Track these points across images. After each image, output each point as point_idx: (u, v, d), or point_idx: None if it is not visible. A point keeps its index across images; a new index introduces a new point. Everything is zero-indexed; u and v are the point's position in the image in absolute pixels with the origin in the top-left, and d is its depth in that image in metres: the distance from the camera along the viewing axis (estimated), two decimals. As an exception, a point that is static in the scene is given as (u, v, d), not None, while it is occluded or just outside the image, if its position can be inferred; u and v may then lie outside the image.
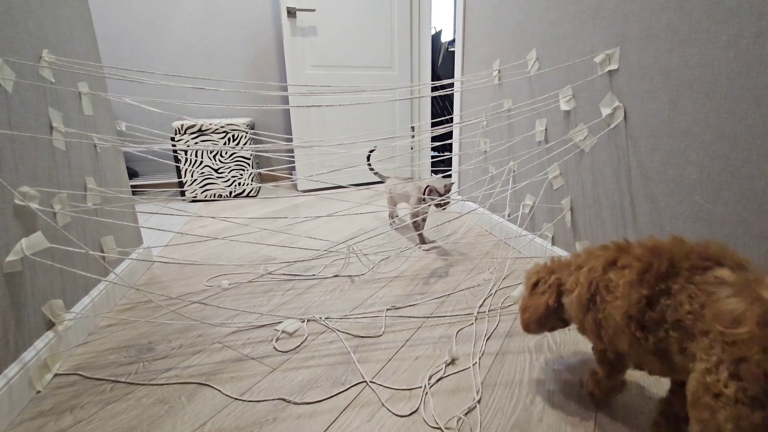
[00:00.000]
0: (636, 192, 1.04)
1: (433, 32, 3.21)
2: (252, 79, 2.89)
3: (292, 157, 2.97)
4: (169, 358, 0.97)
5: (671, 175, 0.94)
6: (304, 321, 1.12)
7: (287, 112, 3.04)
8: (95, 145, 1.25)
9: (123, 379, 0.89)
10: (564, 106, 1.26)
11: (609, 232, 1.14)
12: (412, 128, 3.09)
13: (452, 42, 3.22)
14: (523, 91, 1.49)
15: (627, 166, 1.06)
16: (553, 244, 1.40)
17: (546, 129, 1.38)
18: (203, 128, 2.45)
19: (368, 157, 1.90)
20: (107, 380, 0.89)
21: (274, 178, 3.08)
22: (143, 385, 0.88)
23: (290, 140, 2.89)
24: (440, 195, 1.50)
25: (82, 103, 1.20)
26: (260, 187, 2.94)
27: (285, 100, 2.95)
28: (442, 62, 3.19)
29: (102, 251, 1.21)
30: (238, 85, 2.86)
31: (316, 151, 2.69)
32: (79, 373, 0.92)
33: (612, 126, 1.09)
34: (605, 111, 1.10)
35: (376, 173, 1.91)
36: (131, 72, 1.29)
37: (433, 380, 0.87)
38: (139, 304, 1.24)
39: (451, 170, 2.45)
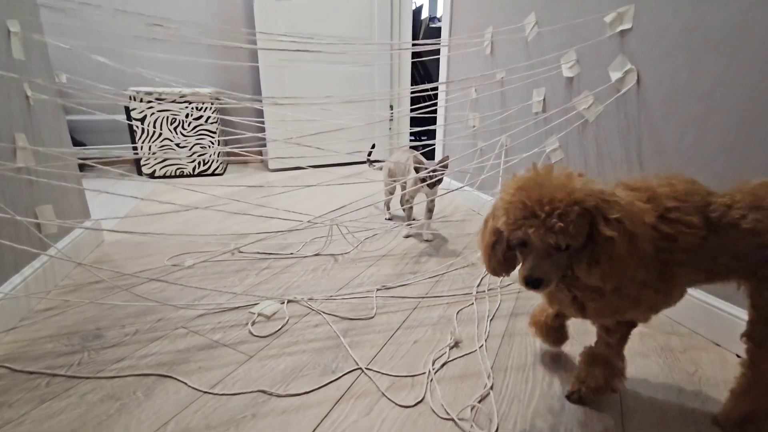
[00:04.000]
0: (647, 163, 0.98)
1: (413, 8, 3.07)
2: (218, 51, 2.64)
3: (263, 133, 2.76)
4: (122, 347, 0.81)
5: (689, 143, 0.88)
6: (283, 302, 0.98)
7: (257, 84, 2.82)
8: (28, 97, 1.04)
9: (62, 372, 0.73)
10: (567, 73, 1.18)
11: (614, 207, 1.08)
12: (391, 107, 2.96)
13: (434, 18, 3.10)
14: (519, 59, 1.40)
15: (638, 134, 0.99)
16: (548, 221, 1.33)
17: (544, 99, 1.30)
18: (162, 96, 2.21)
19: (369, 154, 1.71)
20: (42, 373, 0.73)
21: (242, 157, 2.86)
22: (88, 378, 0.72)
23: (261, 113, 2.68)
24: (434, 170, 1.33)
25: (11, 45, 0.99)
26: (227, 164, 2.72)
27: (255, 69, 2.73)
28: (423, 38, 3.06)
29: (38, 224, 1.02)
30: (201, 34, 2.60)
31: (289, 126, 2.51)
32: (7, 365, 0.75)
33: (622, 92, 1.02)
34: (615, 75, 1.03)
35: (373, 163, 1.70)
36: (73, 2, 1.08)
37: (437, 365, 0.77)
38: (84, 285, 1.06)
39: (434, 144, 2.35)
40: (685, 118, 0.88)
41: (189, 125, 2.28)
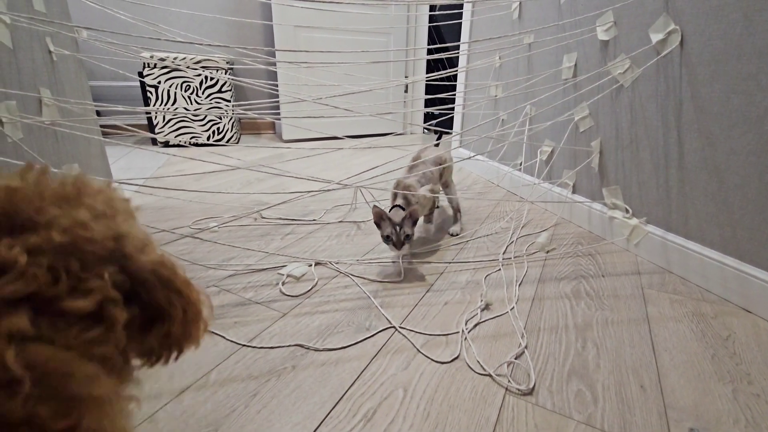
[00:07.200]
0: (686, 127, 0.95)
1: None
2: (235, 35, 2.57)
3: (276, 101, 2.73)
4: (157, 302, 0.82)
5: (735, 105, 0.84)
6: (311, 265, 0.99)
7: (271, 55, 2.76)
8: (51, 52, 1.02)
9: (101, 325, 0.74)
10: (602, 36, 1.13)
11: (647, 174, 1.05)
12: (406, 77, 2.89)
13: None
14: (549, 23, 1.35)
15: (678, 98, 0.96)
16: (573, 192, 1.31)
17: (575, 65, 1.26)
18: (176, 62, 2.16)
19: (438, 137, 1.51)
20: (81, 325, 0.74)
21: (256, 126, 2.83)
22: (127, 330, 0.73)
23: (275, 77, 2.63)
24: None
25: (31, -3, 0.96)
26: (241, 134, 2.70)
27: (269, 41, 2.66)
28: (440, 8, 2.96)
29: (65, 182, 1.02)
30: (217, 13, 2.54)
31: (304, 103, 2.46)
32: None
33: (663, 54, 0.98)
34: (656, 37, 0.98)
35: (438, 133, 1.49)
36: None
37: (469, 325, 0.77)
38: (113, 245, 1.06)
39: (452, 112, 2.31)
40: (734, 78, 0.84)
41: (203, 93, 2.25)
